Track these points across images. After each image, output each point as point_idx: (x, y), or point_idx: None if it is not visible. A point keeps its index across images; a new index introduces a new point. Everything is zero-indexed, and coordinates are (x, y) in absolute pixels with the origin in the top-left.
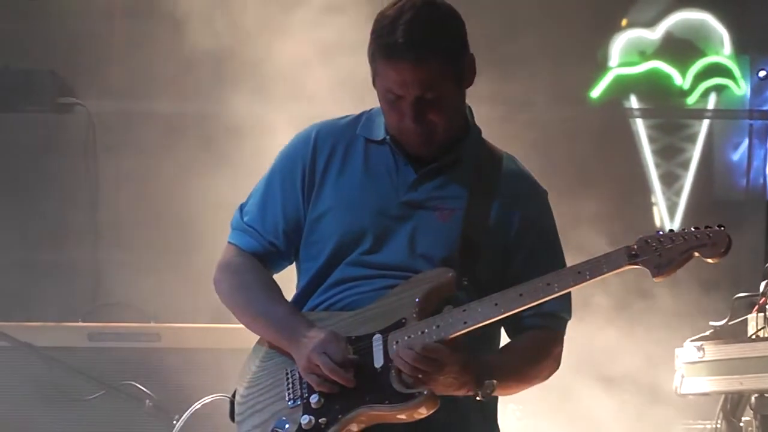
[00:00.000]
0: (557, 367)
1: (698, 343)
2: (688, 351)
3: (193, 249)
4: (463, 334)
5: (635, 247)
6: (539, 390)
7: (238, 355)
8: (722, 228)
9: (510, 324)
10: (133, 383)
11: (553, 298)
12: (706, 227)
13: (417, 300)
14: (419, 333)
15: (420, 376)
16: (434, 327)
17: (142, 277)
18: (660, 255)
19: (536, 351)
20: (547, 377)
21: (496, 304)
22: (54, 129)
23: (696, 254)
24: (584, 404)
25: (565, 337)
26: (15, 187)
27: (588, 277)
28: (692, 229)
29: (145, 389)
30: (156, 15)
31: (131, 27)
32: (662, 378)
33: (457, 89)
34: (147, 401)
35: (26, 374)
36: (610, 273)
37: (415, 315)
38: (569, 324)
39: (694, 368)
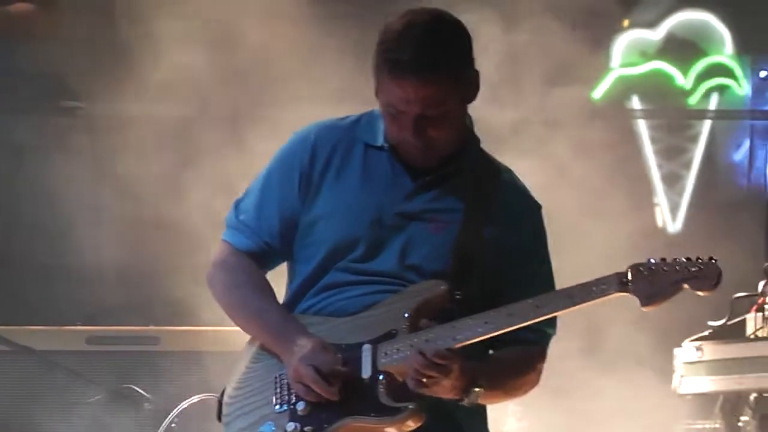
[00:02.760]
0: (537, 382)
1: (697, 343)
2: (686, 351)
3: (193, 252)
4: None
5: (626, 274)
6: (539, 390)
7: (236, 358)
8: (714, 261)
9: (498, 336)
10: (132, 386)
11: None
12: (698, 259)
13: (407, 314)
14: (409, 345)
15: (425, 380)
16: (424, 340)
17: (141, 280)
18: (651, 284)
19: (523, 365)
20: (528, 392)
21: (486, 322)
22: (55, 132)
23: (686, 286)
24: (584, 404)
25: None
26: (13, 188)
27: (578, 302)
28: (684, 260)
29: (143, 392)
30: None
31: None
32: (661, 378)
33: (459, 106)
34: (146, 404)
35: (26, 377)
36: (600, 299)
37: (405, 327)
38: (568, 324)
39: (693, 368)
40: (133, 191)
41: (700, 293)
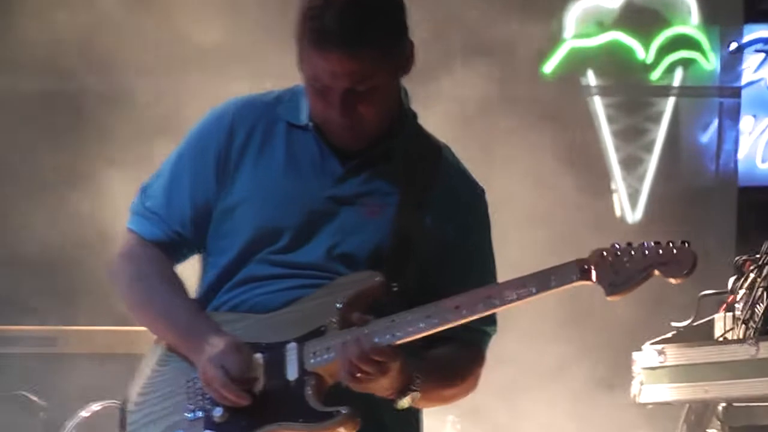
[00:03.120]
0: (474, 388)
1: (659, 347)
2: (647, 355)
3: (93, 243)
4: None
5: (588, 260)
6: (483, 399)
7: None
8: (687, 244)
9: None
10: (25, 393)
11: None
12: (668, 242)
13: (339, 306)
14: (341, 343)
15: (359, 375)
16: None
17: (34, 276)
18: (616, 272)
19: (463, 368)
20: (464, 396)
21: (428, 316)
22: None
23: (656, 272)
24: (530, 413)
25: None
26: None
27: (534, 292)
28: (653, 244)
29: (38, 400)
30: None
31: None
32: (619, 386)
33: (391, 80)
34: (41, 413)
35: None
36: (559, 288)
37: (335, 323)
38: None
39: (655, 374)
40: (34, 172)
41: (672, 280)
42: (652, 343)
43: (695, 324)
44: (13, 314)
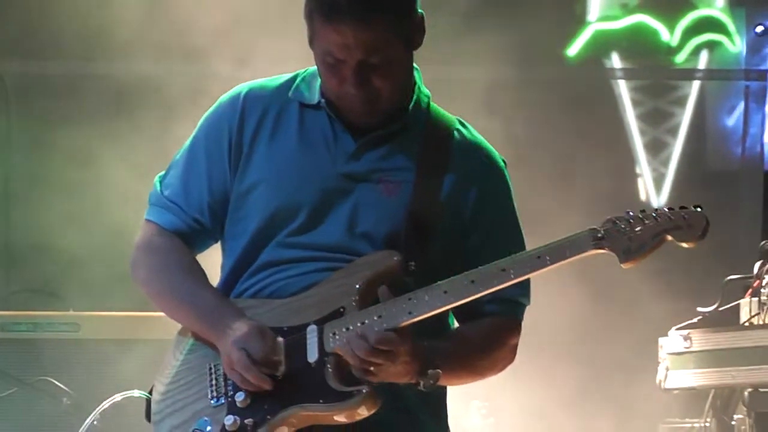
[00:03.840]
0: (513, 359)
1: (684, 332)
2: (673, 340)
3: (117, 230)
4: (408, 324)
5: (602, 229)
6: (508, 384)
7: (167, 347)
8: (699, 209)
9: (461, 309)
10: (50, 379)
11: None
12: (681, 207)
13: (357, 287)
14: (359, 324)
15: (372, 369)
16: (376, 317)
17: (59, 261)
18: (629, 239)
19: (491, 341)
20: (501, 370)
21: (445, 292)
22: None
23: (669, 238)
24: (557, 401)
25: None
26: None
27: (548, 262)
28: (665, 210)
29: (62, 385)
30: None
31: None
32: (644, 371)
33: (405, 52)
34: (64, 399)
35: None
36: (573, 258)
37: (354, 304)
38: (540, 312)
39: (680, 360)
40: (52, 160)
41: (684, 245)
42: (678, 329)
43: (721, 309)
44: (37, 300)
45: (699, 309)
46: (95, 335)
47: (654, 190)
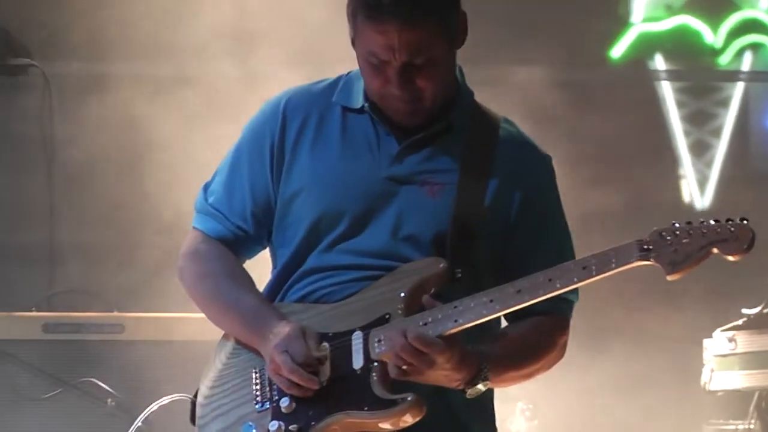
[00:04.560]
0: (561, 357)
1: (729, 333)
2: (718, 342)
3: (162, 230)
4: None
5: (648, 240)
6: (553, 385)
7: (211, 348)
8: (745, 221)
9: None
10: (94, 380)
11: None
12: (728, 220)
13: (403, 294)
14: (391, 334)
15: (405, 367)
16: (421, 324)
17: (103, 262)
18: (675, 251)
19: (540, 340)
20: (550, 368)
21: (491, 301)
22: (5, 93)
23: (715, 251)
24: (602, 402)
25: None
26: None
27: (594, 273)
28: (712, 222)
29: (106, 387)
30: None
31: None
32: (689, 372)
33: (448, 52)
34: (109, 400)
35: None
36: (619, 269)
37: (400, 311)
38: (584, 311)
39: (725, 361)
40: (95, 160)
41: (730, 258)
42: (723, 330)
43: (766, 311)
44: (80, 301)
45: (744, 310)
46: (139, 336)
47: (698, 191)
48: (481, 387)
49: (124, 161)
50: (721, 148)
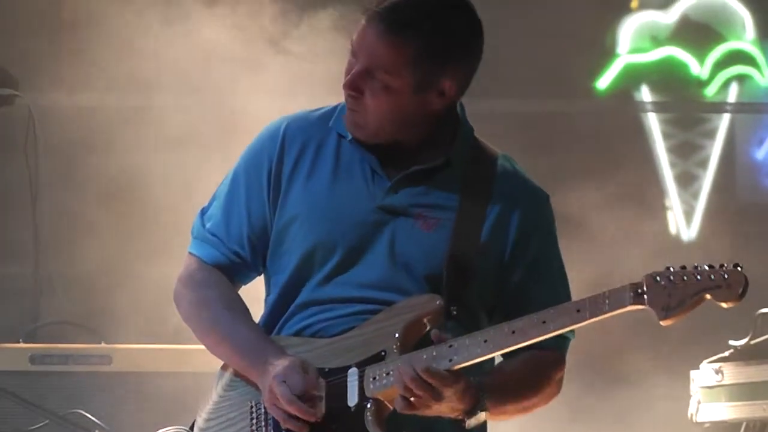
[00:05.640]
0: (557, 393)
1: (716, 365)
2: (704, 374)
3: (149, 260)
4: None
5: (642, 284)
6: (541, 417)
7: (201, 380)
8: (739, 268)
9: None
10: (81, 412)
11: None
12: (721, 266)
13: (398, 333)
14: (398, 368)
15: (413, 400)
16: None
17: (90, 293)
18: (669, 295)
19: (537, 376)
20: (547, 403)
21: (485, 341)
22: None
23: (708, 297)
24: (591, 429)
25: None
26: None
27: (588, 316)
28: (706, 267)
29: (94, 419)
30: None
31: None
32: (676, 404)
33: (409, 92)
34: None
35: None
36: (613, 313)
37: (395, 348)
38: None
39: (712, 393)
40: (81, 191)
41: (724, 305)
42: (710, 362)
43: (753, 342)
44: (68, 333)
45: (731, 342)
46: (127, 368)
47: (685, 222)
48: (482, 416)
49: (109, 191)
50: (708, 180)
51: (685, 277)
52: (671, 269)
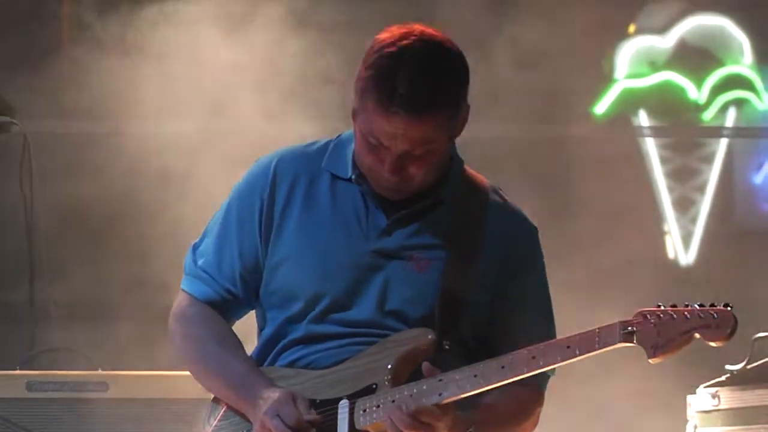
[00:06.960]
0: (535, 427)
1: (713, 389)
2: (701, 398)
3: (145, 288)
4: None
5: (632, 322)
6: None
7: (198, 406)
8: (729, 308)
9: None
10: None
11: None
12: (711, 305)
13: (390, 365)
14: (390, 401)
15: None
16: (408, 396)
17: (86, 320)
18: (658, 333)
19: (519, 411)
20: None
21: (475, 376)
22: None
23: (697, 336)
24: None
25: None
26: None
27: (577, 353)
28: (696, 306)
29: None
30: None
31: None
32: (673, 428)
33: (447, 143)
34: None
35: None
36: (603, 350)
37: (387, 381)
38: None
39: (709, 418)
40: (77, 218)
41: (712, 344)
42: (706, 386)
43: (749, 367)
44: (64, 360)
45: (727, 367)
46: (124, 395)
47: (683, 247)
48: None
49: (105, 220)
50: (706, 204)
51: (675, 316)
52: (661, 307)
